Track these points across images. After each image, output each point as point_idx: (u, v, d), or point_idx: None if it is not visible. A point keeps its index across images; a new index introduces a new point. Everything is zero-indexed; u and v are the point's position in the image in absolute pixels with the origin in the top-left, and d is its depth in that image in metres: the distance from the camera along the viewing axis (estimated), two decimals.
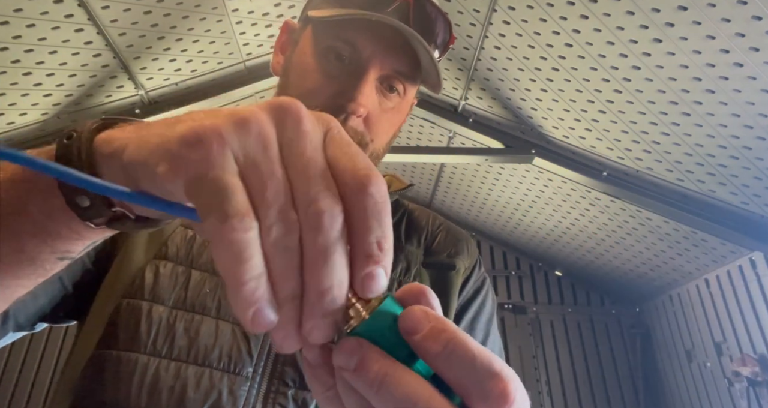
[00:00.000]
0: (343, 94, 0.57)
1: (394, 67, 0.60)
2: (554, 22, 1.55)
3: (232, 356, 0.51)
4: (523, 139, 2.14)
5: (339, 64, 0.59)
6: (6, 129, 1.79)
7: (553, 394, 2.81)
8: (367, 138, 0.60)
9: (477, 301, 0.66)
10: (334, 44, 0.59)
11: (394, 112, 0.63)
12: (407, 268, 0.63)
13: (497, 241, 3.19)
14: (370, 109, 0.59)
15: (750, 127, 1.54)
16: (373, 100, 0.59)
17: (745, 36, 1.29)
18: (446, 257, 0.66)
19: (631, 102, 1.68)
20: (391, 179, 0.74)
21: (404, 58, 0.60)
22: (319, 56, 0.60)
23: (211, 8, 1.74)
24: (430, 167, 2.79)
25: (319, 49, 0.60)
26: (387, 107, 0.61)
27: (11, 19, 1.45)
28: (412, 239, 0.67)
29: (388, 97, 0.61)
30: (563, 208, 2.48)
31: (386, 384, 0.22)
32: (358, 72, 0.58)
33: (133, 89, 1.93)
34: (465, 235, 0.72)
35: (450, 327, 0.24)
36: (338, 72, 0.59)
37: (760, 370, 1.99)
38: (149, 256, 0.55)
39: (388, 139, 0.65)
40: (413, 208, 0.74)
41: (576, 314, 3.02)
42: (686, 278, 2.49)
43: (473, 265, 0.69)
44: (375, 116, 0.60)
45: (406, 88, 0.62)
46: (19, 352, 2.55)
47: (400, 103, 0.63)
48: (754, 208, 1.85)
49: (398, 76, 0.61)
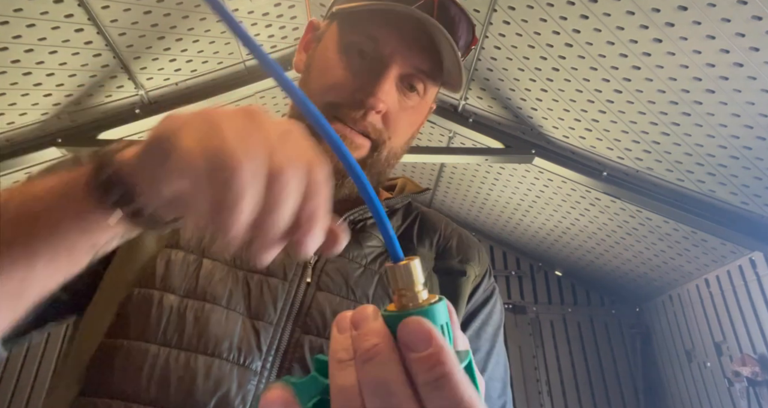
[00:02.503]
0: (362, 89, 0.57)
1: (416, 66, 0.59)
2: (554, 22, 1.55)
3: (242, 349, 0.50)
4: (523, 139, 2.14)
5: (360, 60, 0.59)
6: (6, 129, 1.79)
7: (553, 394, 2.81)
8: (385, 135, 0.59)
9: (485, 311, 0.65)
10: (356, 40, 0.59)
11: (414, 111, 0.62)
12: None
13: (497, 241, 3.19)
14: (390, 106, 0.58)
15: (750, 127, 1.54)
16: (392, 97, 0.59)
17: (745, 36, 1.29)
18: (458, 263, 0.66)
19: (631, 102, 1.68)
20: (405, 182, 0.74)
21: (427, 56, 0.59)
22: (341, 52, 0.60)
23: (211, 8, 1.74)
24: (430, 167, 2.79)
25: (342, 44, 0.60)
26: (407, 106, 0.61)
27: (11, 19, 1.45)
28: (424, 241, 0.67)
29: (408, 96, 0.61)
30: (563, 208, 2.48)
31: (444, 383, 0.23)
32: (379, 68, 0.57)
33: (133, 89, 1.93)
34: (477, 243, 0.72)
35: (448, 361, 0.24)
36: (359, 68, 0.58)
37: (760, 370, 1.99)
38: (161, 245, 0.54)
39: (406, 138, 0.64)
40: (427, 211, 0.73)
41: (576, 314, 3.02)
42: (686, 278, 2.49)
43: (483, 273, 0.69)
44: (394, 114, 0.60)
45: (426, 88, 0.62)
46: (19, 352, 2.55)
47: (419, 102, 0.62)
48: (754, 208, 1.85)
49: (419, 74, 0.60)
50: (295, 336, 0.52)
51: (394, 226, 0.66)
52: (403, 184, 0.73)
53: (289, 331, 0.52)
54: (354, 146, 0.58)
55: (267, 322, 0.52)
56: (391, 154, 0.62)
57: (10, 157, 1.85)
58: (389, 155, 0.62)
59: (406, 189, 0.72)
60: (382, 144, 0.60)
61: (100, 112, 1.95)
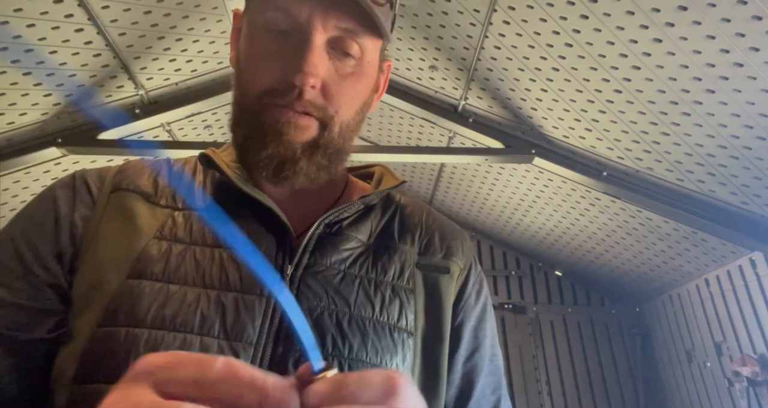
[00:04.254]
0: (290, 68, 0.52)
1: (339, 26, 0.53)
2: (554, 22, 1.55)
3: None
4: (523, 139, 2.14)
5: (281, 38, 0.53)
6: (6, 129, 1.79)
7: (553, 394, 2.81)
8: (330, 110, 0.55)
9: (478, 307, 0.63)
10: (270, 17, 0.54)
11: (357, 76, 0.56)
12: (401, 269, 0.59)
13: (497, 241, 3.19)
14: (325, 77, 0.53)
15: (750, 127, 1.54)
16: (325, 67, 0.53)
17: (745, 36, 1.29)
18: (441, 259, 0.62)
19: (631, 102, 1.68)
20: (382, 172, 0.69)
21: (349, 12, 0.53)
22: (257, 35, 0.55)
23: (211, 8, 1.74)
24: (430, 167, 2.79)
25: (257, 27, 0.55)
26: (346, 73, 0.55)
27: (11, 19, 1.45)
28: (405, 238, 0.62)
29: (344, 62, 0.55)
30: (563, 208, 2.48)
31: None
32: (300, 40, 0.52)
33: (133, 89, 1.93)
34: (458, 232, 0.68)
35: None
36: (282, 46, 0.53)
37: (760, 370, 1.99)
38: (121, 277, 0.50)
39: (357, 106, 0.58)
40: (406, 202, 0.68)
41: (576, 314, 3.02)
42: (686, 278, 2.49)
43: (468, 265, 0.65)
44: (333, 85, 0.54)
45: (363, 48, 0.56)
46: None
47: (360, 64, 0.56)
48: (754, 208, 1.85)
49: (347, 35, 0.54)
50: (277, 354, 0.49)
51: (372, 221, 0.62)
52: (380, 174, 0.68)
53: (270, 349, 0.49)
54: (299, 129, 0.53)
55: (246, 343, 0.48)
56: (344, 127, 0.57)
57: (10, 157, 1.85)
58: (342, 129, 0.56)
59: (383, 180, 0.67)
60: (330, 120, 0.55)
61: (100, 111, 1.95)
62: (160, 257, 0.52)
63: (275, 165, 0.54)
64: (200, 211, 0.54)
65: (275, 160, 0.54)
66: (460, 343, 0.60)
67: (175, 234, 0.54)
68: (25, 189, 2.06)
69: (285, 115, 0.53)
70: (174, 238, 0.53)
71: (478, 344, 0.62)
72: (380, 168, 0.70)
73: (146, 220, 0.54)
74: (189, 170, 0.62)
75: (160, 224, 0.54)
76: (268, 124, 0.54)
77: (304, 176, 0.55)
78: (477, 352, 0.61)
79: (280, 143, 0.54)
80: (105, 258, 0.52)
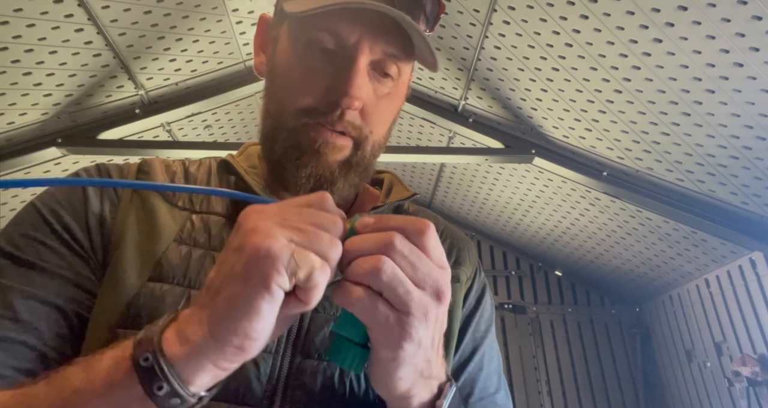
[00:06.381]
0: (335, 89, 0.53)
1: (385, 51, 0.55)
2: (554, 22, 1.55)
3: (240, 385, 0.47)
4: (523, 139, 2.14)
5: (325, 57, 0.54)
6: (6, 129, 1.79)
7: (553, 394, 2.81)
8: (365, 130, 0.56)
9: (478, 312, 0.64)
10: (316, 36, 0.54)
11: (391, 96, 0.59)
12: None
13: (497, 241, 3.19)
14: (365, 99, 0.55)
15: (750, 127, 1.54)
16: (367, 90, 0.55)
17: (745, 36, 1.29)
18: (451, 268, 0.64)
19: (631, 102, 1.68)
20: (392, 180, 0.70)
21: (394, 38, 0.54)
22: (302, 51, 0.55)
23: (211, 8, 1.74)
24: (430, 167, 2.79)
25: (302, 43, 0.55)
26: (382, 93, 0.57)
27: (11, 19, 1.45)
28: None
29: (382, 83, 0.57)
30: (563, 208, 2.48)
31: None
32: (348, 62, 0.53)
33: (133, 89, 1.93)
34: (465, 241, 0.69)
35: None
36: (326, 65, 0.54)
37: (760, 370, 1.99)
38: (143, 280, 0.51)
39: (388, 125, 0.61)
40: (415, 211, 0.71)
41: (576, 314, 3.02)
42: (686, 278, 2.49)
43: (473, 273, 0.66)
44: (371, 106, 0.56)
45: (400, 70, 0.58)
46: None
47: (395, 86, 0.58)
48: (754, 208, 1.85)
49: (390, 58, 0.56)
50: (295, 363, 0.50)
51: None
52: (390, 182, 0.69)
53: (288, 357, 0.50)
54: (336, 149, 0.55)
55: (266, 352, 0.49)
56: (376, 146, 0.59)
57: (10, 157, 1.85)
58: (374, 148, 0.59)
59: (393, 188, 0.68)
60: (364, 140, 0.57)
61: (100, 112, 1.95)
62: (180, 262, 0.52)
63: (312, 184, 0.56)
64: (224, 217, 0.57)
65: (312, 179, 0.55)
66: (461, 344, 0.61)
67: (194, 238, 0.55)
68: (25, 189, 2.06)
69: (323, 134, 0.54)
70: (194, 242, 0.54)
71: (476, 346, 0.62)
72: (390, 176, 0.71)
73: (166, 220, 0.55)
74: (204, 173, 0.63)
75: (179, 227, 0.55)
76: (306, 143, 0.55)
77: (338, 195, 0.56)
78: (476, 352, 0.62)
79: (318, 163, 0.55)
80: (127, 258, 0.52)
